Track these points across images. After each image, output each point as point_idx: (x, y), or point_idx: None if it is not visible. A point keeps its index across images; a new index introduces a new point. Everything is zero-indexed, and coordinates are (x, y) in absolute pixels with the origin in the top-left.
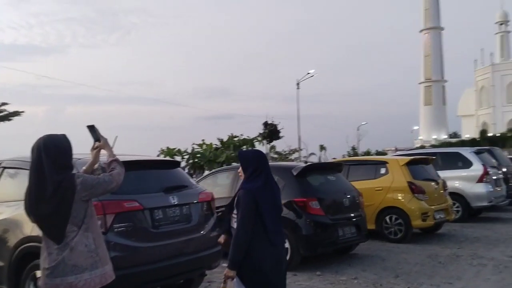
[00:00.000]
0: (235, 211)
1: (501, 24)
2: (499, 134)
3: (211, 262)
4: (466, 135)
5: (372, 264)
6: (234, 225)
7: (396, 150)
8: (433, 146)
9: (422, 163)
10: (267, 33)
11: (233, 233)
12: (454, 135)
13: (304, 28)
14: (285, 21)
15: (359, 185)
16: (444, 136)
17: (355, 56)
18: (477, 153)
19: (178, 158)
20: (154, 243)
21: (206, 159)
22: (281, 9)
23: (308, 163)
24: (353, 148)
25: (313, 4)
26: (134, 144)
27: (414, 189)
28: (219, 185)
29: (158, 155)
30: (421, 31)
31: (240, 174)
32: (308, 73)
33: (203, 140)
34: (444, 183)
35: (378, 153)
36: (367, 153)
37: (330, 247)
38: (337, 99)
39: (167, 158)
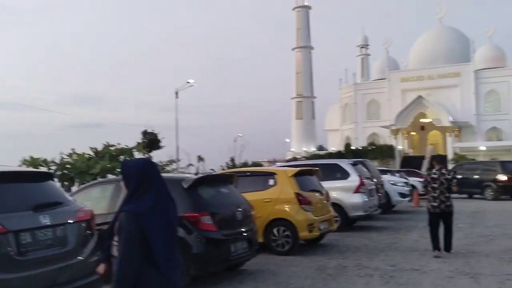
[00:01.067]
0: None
1: (362, 47)
2: (361, 148)
3: None
4: (332, 148)
5: (264, 280)
6: (116, 253)
7: (275, 161)
8: (305, 157)
9: (308, 174)
10: (145, 40)
11: (115, 265)
12: (320, 147)
13: (184, 38)
14: (165, 29)
15: (248, 196)
16: (313, 149)
17: (234, 70)
18: (354, 164)
19: (44, 170)
20: (20, 273)
21: (77, 170)
22: (162, 16)
23: (200, 175)
24: (232, 160)
25: (196, 15)
26: None
27: (302, 200)
28: (96, 201)
29: (19, 166)
30: (293, 49)
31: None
32: (188, 82)
33: (73, 149)
34: (327, 194)
35: (254, 164)
36: (245, 164)
37: (223, 265)
38: (217, 110)
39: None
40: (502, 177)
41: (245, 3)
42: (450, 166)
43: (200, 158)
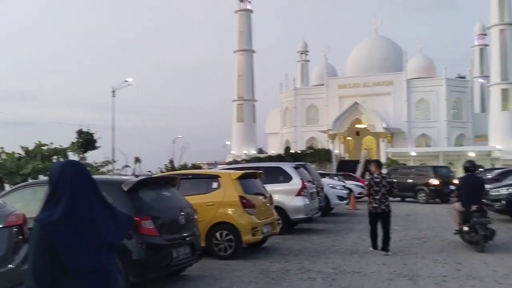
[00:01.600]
0: None
1: (302, 53)
2: (299, 151)
3: None
4: (272, 151)
5: (206, 286)
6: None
7: (216, 164)
8: (245, 160)
9: (252, 177)
10: (82, 37)
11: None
12: (260, 150)
13: (124, 36)
14: (105, 26)
15: (190, 200)
16: (253, 151)
17: (175, 70)
18: (296, 168)
19: None
20: None
21: (6, 170)
22: (101, 13)
23: (141, 177)
24: (171, 162)
25: (139, 13)
26: None
27: (245, 204)
28: (28, 203)
29: None
30: (235, 51)
31: None
32: (126, 81)
33: (1, 147)
34: (271, 197)
35: (194, 166)
36: (184, 166)
37: (164, 271)
38: (156, 111)
39: None
40: (434, 181)
41: (188, 4)
42: (383, 170)
43: (137, 160)
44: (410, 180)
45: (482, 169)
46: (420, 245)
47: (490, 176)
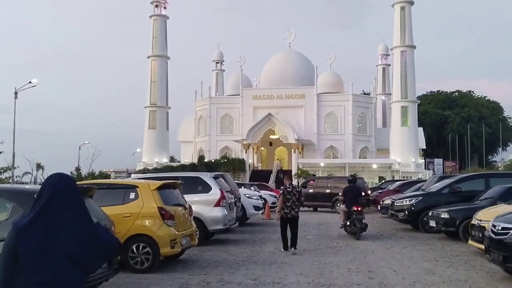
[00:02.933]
0: None
1: (217, 62)
2: (213, 160)
3: None
4: (185, 160)
5: None
6: None
7: (128, 172)
8: (156, 169)
9: (171, 187)
10: None
11: None
12: (172, 159)
13: (27, 33)
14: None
15: (105, 211)
16: (165, 160)
17: (86, 74)
18: (215, 178)
19: None
20: None
21: None
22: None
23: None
24: (77, 169)
25: (48, 12)
26: None
27: (164, 215)
28: None
29: None
30: (149, 57)
31: None
32: (30, 82)
33: None
34: (190, 208)
35: (101, 174)
36: (92, 174)
37: None
38: (64, 115)
39: None
40: None
41: (102, 6)
42: (295, 180)
43: (39, 166)
44: (328, 191)
45: (384, 181)
46: (334, 254)
47: (391, 188)
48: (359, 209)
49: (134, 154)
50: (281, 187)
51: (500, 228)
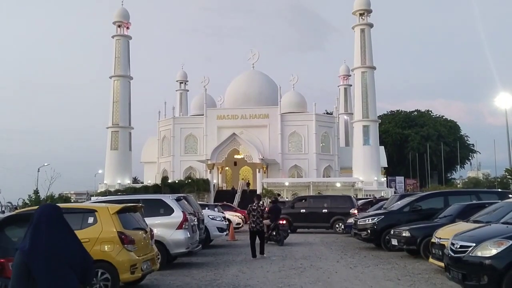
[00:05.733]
0: None
1: (181, 82)
2: (177, 181)
3: None
4: (148, 181)
5: None
6: None
7: (88, 194)
8: (118, 190)
9: (131, 211)
10: None
11: None
12: (135, 180)
13: None
14: None
15: None
16: (128, 181)
17: (44, 94)
18: (177, 200)
19: None
20: None
21: None
22: None
23: (8, 214)
24: (36, 192)
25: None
26: None
27: (124, 240)
28: None
29: None
30: (111, 77)
31: None
32: None
33: None
34: (151, 231)
35: (61, 197)
36: (51, 197)
37: None
38: (22, 137)
39: None
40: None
41: (63, 24)
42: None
43: None
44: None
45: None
46: (298, 275)
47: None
48: (284, 222)
49: (96, 176)
50: (249, 205)
51: (458, 246)
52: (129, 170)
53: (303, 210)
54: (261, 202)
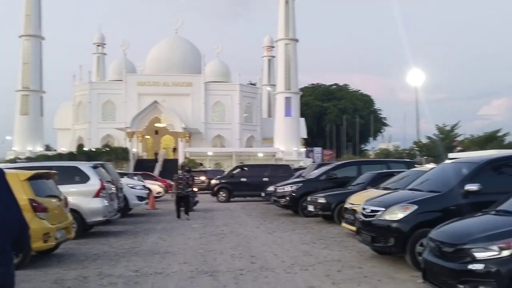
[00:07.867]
0: None
1: (98, 45)
2: (94, 149)
3: None
4: (62, 148)
5: None
6: None
7: None
8: (29, 158)
9: (44, 177)
10: None
11: None
12: (48, 147)
13: None
14: None
15: None
16: (40, 148)
17: None
18: (94, 167)
19: None
20: None
21: None
22: None
23: None
24: None
25: None
26: None
27: (36, 208)
28: None
29: None
30: (20, 36)
31: None
32: None
33: None
34: (66, 199)
35: None
36: None
37: None
38: None
39: None
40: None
41: None
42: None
43: None
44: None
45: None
46: (218, 241)
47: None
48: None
49: (3, 142)
50: (174, 175)
51: (369, 210)
52: (41, 137)
53: (243, 179)
54: (187, 174)
